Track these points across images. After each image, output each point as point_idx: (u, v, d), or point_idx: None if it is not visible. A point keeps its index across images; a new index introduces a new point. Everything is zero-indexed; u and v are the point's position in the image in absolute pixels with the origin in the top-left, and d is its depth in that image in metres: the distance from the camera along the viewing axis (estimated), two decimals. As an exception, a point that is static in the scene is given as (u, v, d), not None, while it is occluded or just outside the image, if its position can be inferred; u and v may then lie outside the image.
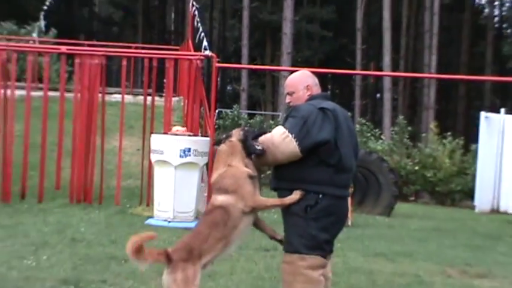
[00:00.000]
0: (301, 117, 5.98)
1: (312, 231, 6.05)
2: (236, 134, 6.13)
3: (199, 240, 5.96)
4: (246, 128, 6.32)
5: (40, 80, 16.81)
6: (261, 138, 6.07)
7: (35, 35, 24.85)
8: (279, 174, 6.24)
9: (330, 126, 6.01)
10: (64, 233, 11.17)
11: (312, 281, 6.09)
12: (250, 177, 6.02)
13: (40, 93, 15.36)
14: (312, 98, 6.30)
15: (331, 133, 6.00)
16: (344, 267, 9.64)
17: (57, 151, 14.98)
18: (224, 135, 6.28)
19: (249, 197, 5.94)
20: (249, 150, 6.06)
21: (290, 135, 5.92)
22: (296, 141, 5.90)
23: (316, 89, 6.38)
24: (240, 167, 6.02)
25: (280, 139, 5.96)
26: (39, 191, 14.58)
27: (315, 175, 6.02)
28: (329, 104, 6.20)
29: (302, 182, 6.05)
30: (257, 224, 6.18)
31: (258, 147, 6.02)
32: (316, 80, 6.44)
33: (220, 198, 5.97)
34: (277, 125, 6.76)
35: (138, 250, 5.83)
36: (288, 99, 6.45)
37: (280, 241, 6.15)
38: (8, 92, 14.98)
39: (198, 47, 20.32)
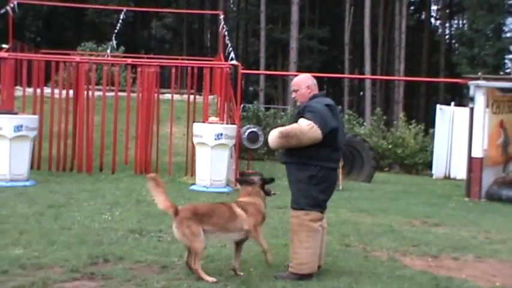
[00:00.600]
0: (318, 112, 6.12)
1: (314, 194, 6.18)
2: (258, 183, 6.45)
3: (205, 211, 6.12)
4: (263, 177, 6.61)
5: (112, 84, 16.83)
6: (289, 128, 6.17)
7: (108, 51, 24.87)
8: (290, 153, 6.31)
9: (334, 117, 6.24)
10: (131, 195, 11.24)
11: (313, 230, 6.26)
12: (263, 217, 6.36)
13: (112, 93, 15.40)
14: (315, 96, 6.41)
15: (336, 122, 6.21)
16: (336, 220, 9.66)
17: (125, 136, 15.05)
18: (246, 180, 6.56)
19: (254, 226, 6.19)
20: (267, 193, 6.52)
21: (315, 125, 6.02)
22: (319, 128, 6.03)
23: (315, 88, 6.48)
24: (262, 206, 6.39)
25: (307, 128, 6.05)
26: (113, 165, 14.66)
27: (317, 153, 6.16)
28: (330, 101, 6.45)
29: (307, 158, 6.14)
30: (237, 248, 6.34)
31: (272, 191, 6.59)
32: (315, 81, 6.56)
33: (238, 210, 6.20)
34: (287, 116, 6.77)
35: (159, 184, 5.93)
36: (293, 95, 6.62)
37: (234, 271, 6.25)
38: (90, 93, 15.08)
39: (227, 59, 20.31)
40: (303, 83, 6.49)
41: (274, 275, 6.20)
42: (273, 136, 6.25)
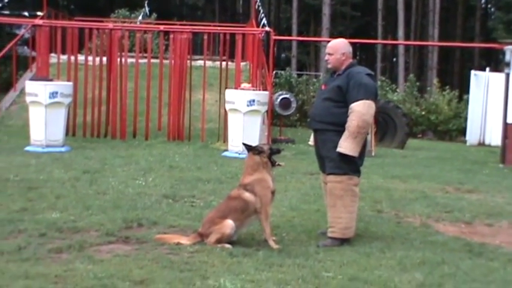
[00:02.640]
0: (365, 85, 6.15)
1: (355, 158, 6.14)
2: (266, 152, 6.24)
3: (219, 215, 6.03)
4: (272, 147, 6.47)
5: (145, 51, 16.87)
6: (353, 124, 6.02)
7: (140, 18, 24.90)
8: (326, 119, 6.27)
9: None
10: (164, 161, 11.31)
11: (356, 194, 6.36)
12: (272, 192, 6.16)
13: (145, 60, 15.44)
14: (352, 65, 6.36)
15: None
16: (369, 186, 9.62)
17: (158, 102, 15.12)
18: (255, 148, 6.29)
19: (263, 207, 6.04)
20: (273, 163, 6.28)
21: (367, 100, 6.08)
22: (372, 100, 6.14)
23: (350, 56, 6.41)
24: (269, 181, 6.16)
25: (366, 108, 6.07)
26: (146, 131, 14.78)
27: None
28: (368, 70, 6.46)
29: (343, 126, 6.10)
30: None
31: (277, 162, 6.34)
32: (351, 49, 6.48)
33: (247, 195, 6.05)
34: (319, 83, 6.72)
35: (179, 243, 5.86)
36: (326, 57, 6.50)
37: None
38: (123, 60, 15.14)
39: (259, 25, 20.21)
40: (340, 48, 6.38)
41: (317, 244, 6.18)
42: (348, 145, 6.05)
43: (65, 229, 6.27)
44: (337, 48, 6.38)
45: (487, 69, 23.06)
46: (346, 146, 6.06)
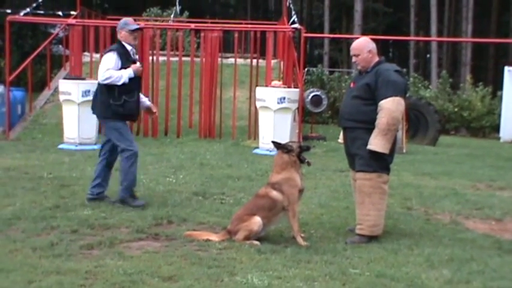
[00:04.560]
0: (394, 82, 6.15)
1: (385, 156, 6.15)
2: (296, 150, 6.26)
3: (247, 212, 6.09)
4: (301, 144, 6.50)
5: (176, 49, 16.99)
6: (382, 122, 6.02)
7: (172, 16, 25.03)
8: (355, 117, 6.28)
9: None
10: (195, 159, 11.41)
11: (385, 192, 6.35)
12: (300, 190, 6.19)
13: (176, 58, 15.55)
14: (380, 62, 6.36)
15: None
16: (399, 183, 9.60)
17: (189, 100, 15.23)
18: (284, 146, 6.31)
19: (291, 205, 6.07)
20: (302, 161, 6.30)
21: (396, 97, 6.08)
22: (401, 97, 6.13)
23: (376, 53, 6.40)
24: (297, 180, 6.19)
25: (395, 105, 6.07)
26: (177, 129, 14.89)
27: None
28: (396, 66, 6.46)
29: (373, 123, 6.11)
30: None
31: (306, 160, 6.33)
32: (375, 46, 6.44)
33: (274, 193, 6.10)
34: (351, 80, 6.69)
35: (208, 240, 5.94)
36: (354, 59, 6.50)
37: None
38: (154, 58, 15.27)
39: (291, 22, 20.19)
40: (365, 47, 6.37)
41: (345, 241, 6.20)
42: (379, 142, 6.05)
43: (96, 226, 6.38)
44: (362, 48, 6.38)
45: (521, 64, 22.78)
46: (376, 143, 6.06)
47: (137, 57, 8.09)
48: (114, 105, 7.33)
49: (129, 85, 7.36)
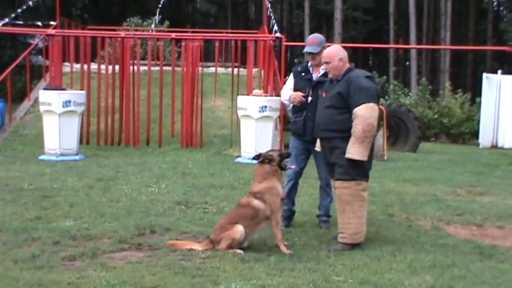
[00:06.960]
0: (366, 88, 6.16)
1: (363, 163, 6.15)
2: (276, 159, 6.29)
3: (229, 221, 6.08)
4: (281, 152, 6.58)
5: (157, 59, 16.97)
6: (358, 129, 6.02)
7: (153, 26, 25.00)
8: (332, 127, 6.28)
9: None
10: (177, 168, 11.38)
11: (364, 199, 6.34)
12: (282, 199, 6.23)
13: (157, 68, 15.53)
14: (350, 69, 6.37)
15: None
16: (380, 190, 9.63)
17: (171, 110, 15.21)
18: (265, 156, 6.32)
19: (275, 212, 6.11)
20: (283, 168, 6.40)
21: (371, 103, 6.09)
22: (374, 102, 6.13)
23: (347, 60, 6.43)
24: (278, 188, 6.23)
25: (369, 111, 6.07)
26: (159, 138, 14.86)
27: None
28: (367, 72, 6.52)
29: (349, 131, 6.11)
30: None
31: (288, 166, 6.62)
32: (346, 54, 6.46)
33: (256, 202, 6.11)
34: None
35: (191, 249, 5.93)
36: (324, 66, 6.56)
37: None
38: (135, 68, 15.23)
39: (271, 31, 20.24)
40: (335, 55, 6.36)
41: (328, 248, 6.21)
42: (356, 149, 6.04)
43: (78, 237, 6.33)
44: (333, 56, 6.37)
45: (499, 71, 22.94)
46: (354, 151, 6.07)
47: None
48: None
49: None
